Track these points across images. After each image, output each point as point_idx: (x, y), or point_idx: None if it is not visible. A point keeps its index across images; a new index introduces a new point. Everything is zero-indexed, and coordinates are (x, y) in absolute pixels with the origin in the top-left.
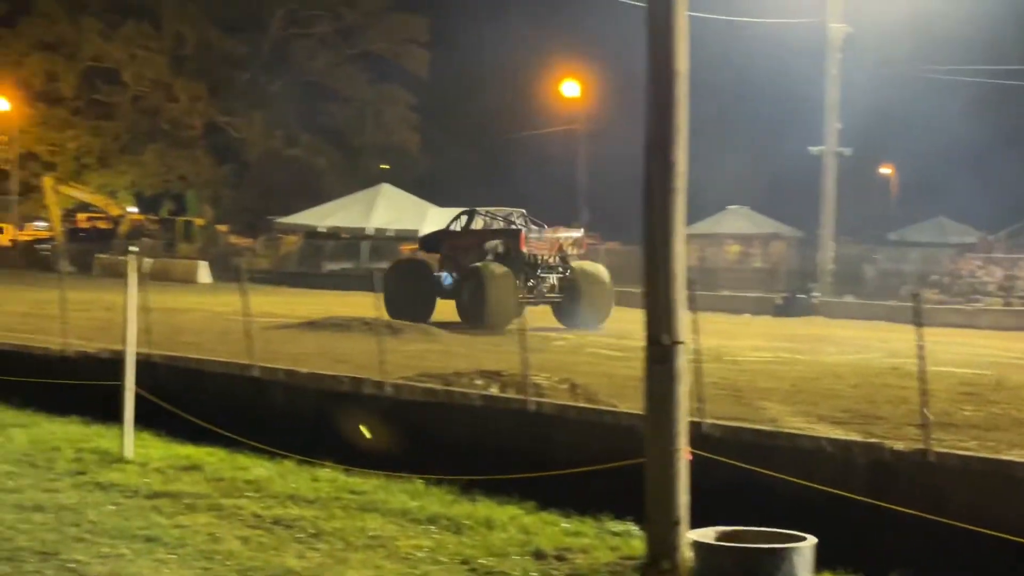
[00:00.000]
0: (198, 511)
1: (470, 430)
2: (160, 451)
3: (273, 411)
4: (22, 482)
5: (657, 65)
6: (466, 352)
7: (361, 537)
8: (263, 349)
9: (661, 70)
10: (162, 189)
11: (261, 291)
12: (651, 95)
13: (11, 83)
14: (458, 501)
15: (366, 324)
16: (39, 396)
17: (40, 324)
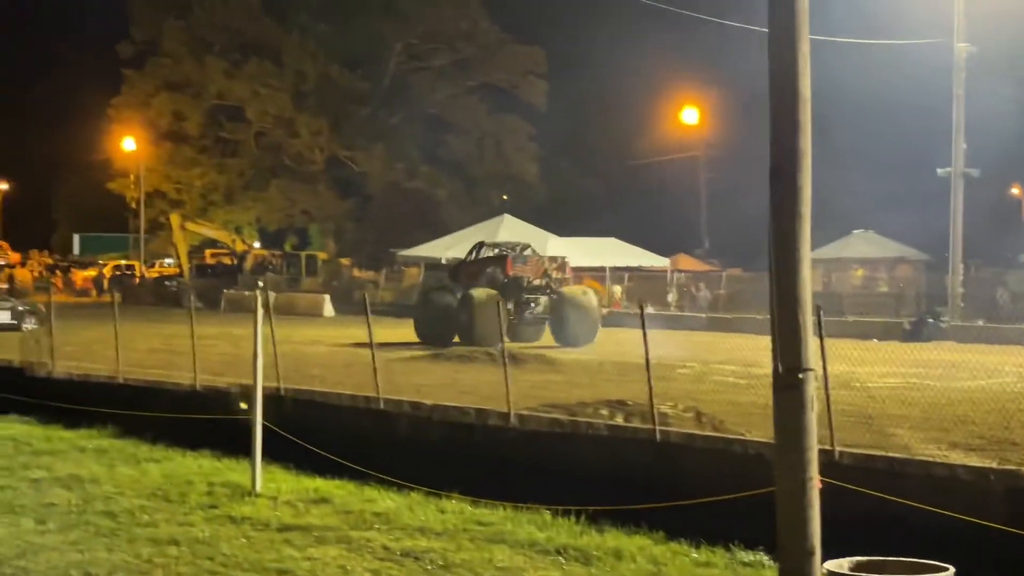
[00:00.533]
0: (328, 544)
1: (596, 460)
2: (289, 484)
3: (399, 443)
4: (157, 516)
5: (779, 90)
6: (589, 382)
7: (489, 568)
8: (388, 381)
9: (784, 95)
10: (286, 224)
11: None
12: (774, 120)
13: (139, 123)
14: (586, 531)
15: (489, 355)
16: (171, 430)
17: (170, 360)
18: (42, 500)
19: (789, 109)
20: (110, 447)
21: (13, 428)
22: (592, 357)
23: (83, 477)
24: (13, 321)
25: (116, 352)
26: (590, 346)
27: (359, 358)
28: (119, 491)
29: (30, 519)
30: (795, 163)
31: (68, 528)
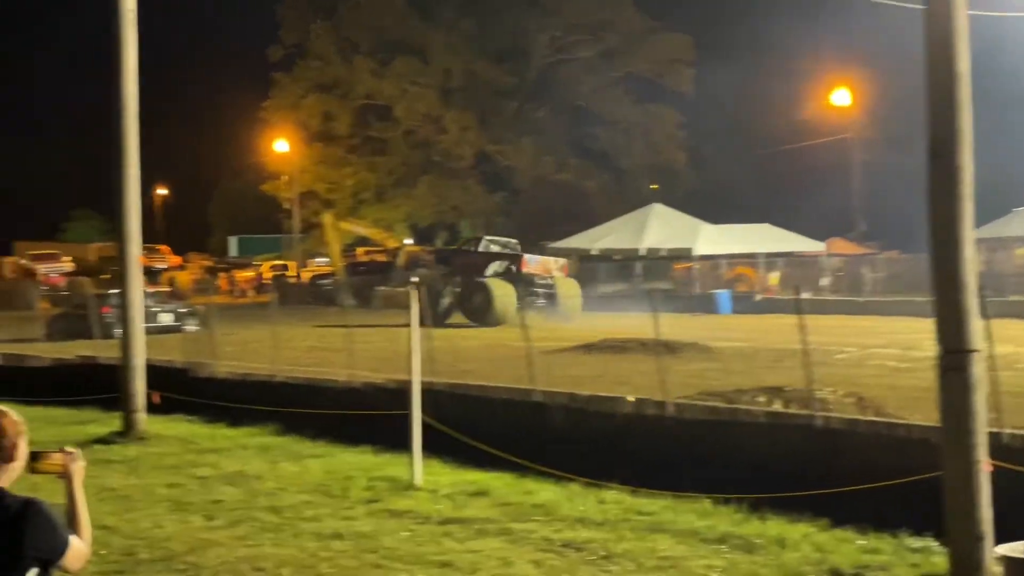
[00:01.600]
0: (489, 536)
1: (755, 447)
2: (448, 477)
3: (555, 435)
4: (320, 511)
5: (936, 67)
6: (745, 369)
7: (651, 558)
8: (543, 373)
9: (941, 72)
10: (436, 220)
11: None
12: (932, 99)
13: (289, 125)
14: (748, 520)
15: (643, 345)
16: (330, 427)
17: (326, 357)
18: (210, 497)
19: (946, 87)
20: (272, 444)
21: (179, 427)
22: (748, 344)
23: (248, 474)
24: (175, 323)
25: (275, 351)
26: (743, 333)
27: (513, 351)
28: (283, 487)
29: (199, 515)
30: (954, 143)
31: (235, 524)
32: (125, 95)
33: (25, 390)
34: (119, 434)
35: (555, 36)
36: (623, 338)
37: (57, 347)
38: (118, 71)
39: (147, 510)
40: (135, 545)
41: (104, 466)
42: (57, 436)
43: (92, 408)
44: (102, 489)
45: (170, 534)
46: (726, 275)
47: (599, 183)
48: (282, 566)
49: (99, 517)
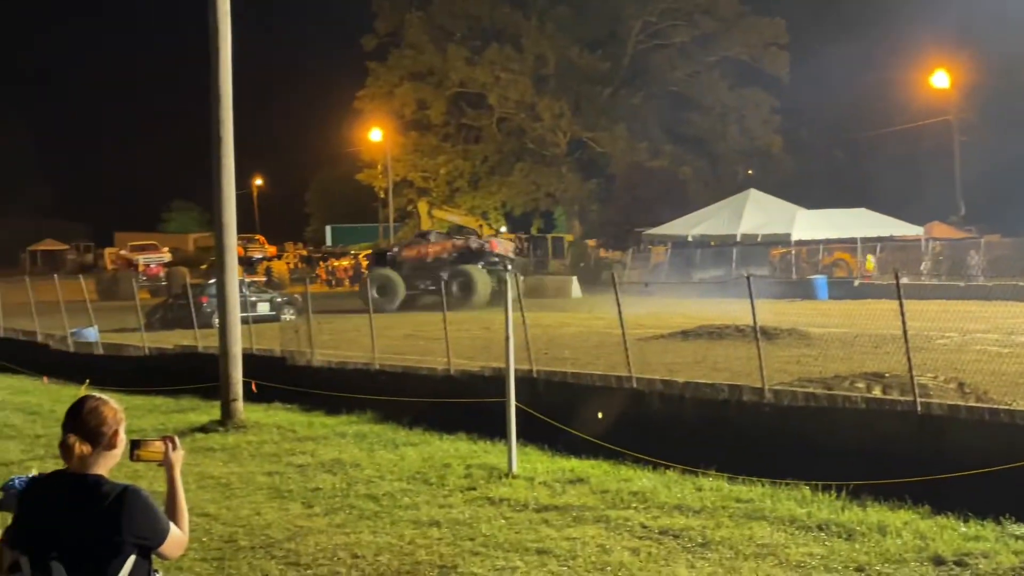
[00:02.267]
0: (586, 523)
1: (854, 434)
2: (544, 465)
3: (652, 421)
4: (417, 499)
5: None
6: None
7: (750, 546)
8: (638, 360)
9: None
10: (531, 207)
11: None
12: None
13: (384, 114)
14: (847, 507)
15: (740, 331)
16: (427, 415)
17: (423, 345)
18: (308, 485)
19: None
20: (369, 432)
21: (278, 416)
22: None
23: (345, 462)
24: (272, 312)
25: (371, 339)
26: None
27: (609, 338)
28: (380, 475)
29: (298, 503)
30: None
31: (333, 512)
32: (221, 87)
33: (125, 379)
34: (218, 422)
35: (649, 21)
36: (720, 324)
37: (156, 337)
38: (215, 63)
39: (247, 497)
40: (235, 532)
41: (204, 454)
42: (157, 424)
43: (191, 397)
44: (203, 477)
45: (269, 521)
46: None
47: (694, 169)
48: (380, 553)
49: (200, 504)
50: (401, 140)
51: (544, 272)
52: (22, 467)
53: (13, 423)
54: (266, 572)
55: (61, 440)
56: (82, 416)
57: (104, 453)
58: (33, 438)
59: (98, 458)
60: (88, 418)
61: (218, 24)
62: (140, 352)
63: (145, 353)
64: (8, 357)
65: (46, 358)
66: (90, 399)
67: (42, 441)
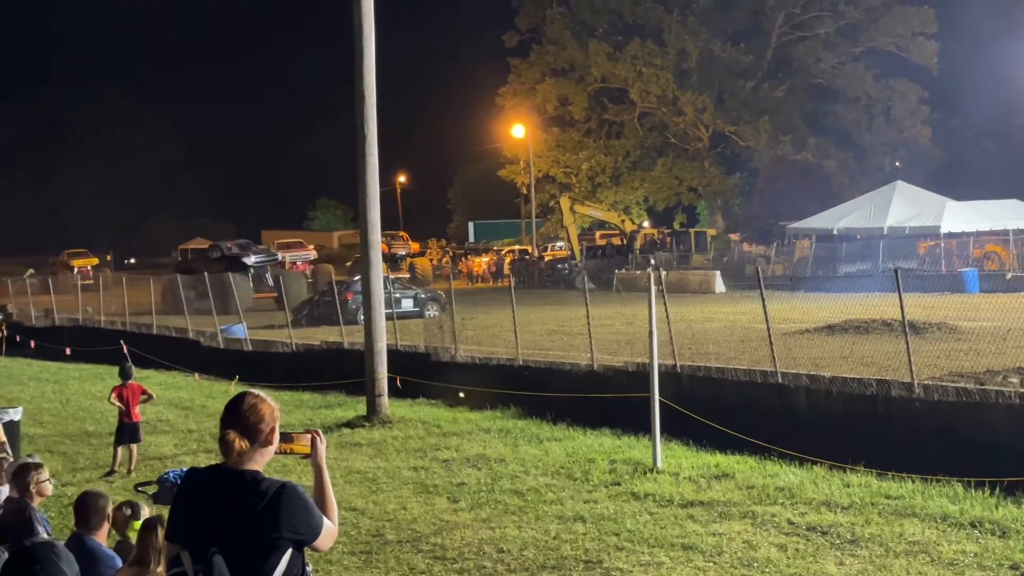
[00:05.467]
0: (732, 519)
1: (1008, 429)
2: (689, 460)
3: (797, 417)
4: (562, 494)
5: None
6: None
7: (900, 543)
8: (783, 355)
9: None
10: (673, 202)
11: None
12: None
13: (525, 110)
14: (1001, 504)
15: (887, 325)
16: (570, 410)
17: (566, 341)
18: (453, 480)
19: None
20: (513, 427)
21: (422, 410)
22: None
23: (489, 457)
24: (416, 308)
25: (515, 335)
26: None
27: (753, 333)
28: (524, 470)
29: (443, 498)
30: None
31: (478, 506)
32: (365, 85)
33: (274, 375)
34: (364, 418)
35: (792, 13)
36: (866, 319)
37: (303, 333)
38: (359, 62)
39: (393, 492)
40: (382, 526)
41: (351, 449)
42: (304, 420)
43: (337, 392)
44: (349, 471)
45: (416, 516)
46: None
47: (839, 161)
48: (525, 548)
49: (347, 499)
50: (543, 136)
51: (687, 267)
52: (176, 461)
53: (167, 418)
54: (413, 566)
55: (220, 435)
56: (241, 412)
57: (260, 449)
58: (186, 433)
59: (255, 454)
60: (247, 414)
61: (362, 23)
62: (287, 348)
63: (292, 349)
64: (161, 354)
65: (197, 354)
66: (249, 395)
67: (194, 436)
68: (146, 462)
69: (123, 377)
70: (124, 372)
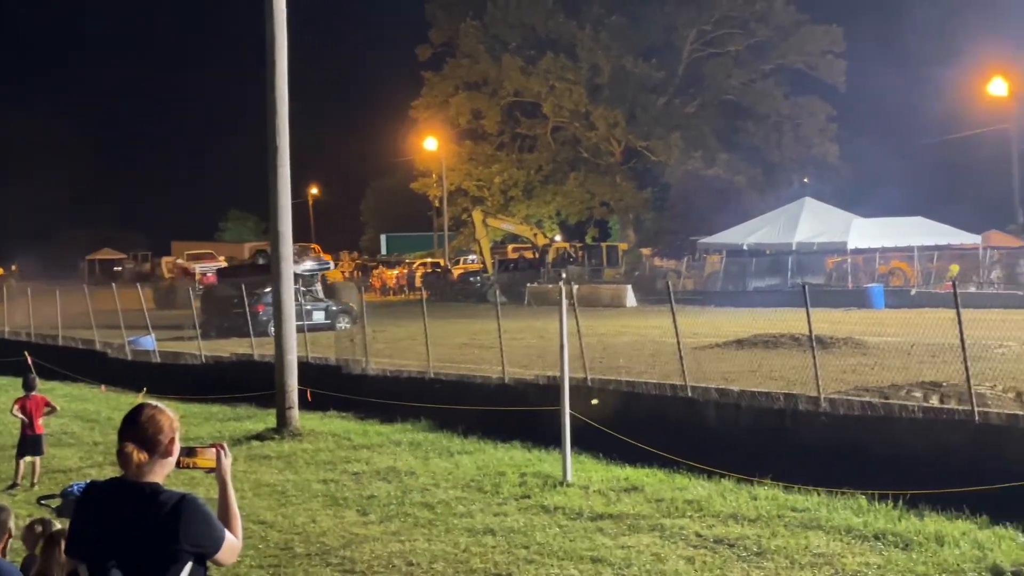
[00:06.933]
0: (641, 532)
1: (911, 443)
2: (599, 473)
3: (706, 430)
4: (472, 507)
5: None
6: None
7: (806, 555)
8: (693, 369)
9: None
10: (585, 216)
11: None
12: None
13: (438, 124)
14: (904, 516)
15: (795, 340)
16: (481, 423)
17: (478, 354)
18: (363, 493)
19: None
20: (424, 440)
21: (332, 423)
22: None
23: (400, 470)
24: (327, 321)
25: (426, 348)
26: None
27: (664, 347)
28: (435, 483)
29: (353, 511)
30: None
31: (388, 519)
32: (277, 96)
33: (183, 387)
34: (274, 430)
35: (704, 30)
36: (775, 333)
37: (213, 345)
38: (270, 74)
39: (302, 505)
40: (291, 539)
41: (260, 462)
42: (214, 432)
43: (247, 405)
44: (259, 484)
45: (325, 529)
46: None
47: (749, 177)
48: (435, 561)
49: (256, 512)
50: (456, 149)
51: (599, 281)
52: (80, 474)
53: (72, 430)
54: None
55: (118, 448)
56: (139, 424)
57: (160, 461)
58: (91, 445)
59: (154, 466)
60: (146, 426)
61: (274, 35)
62: (197, 360)
63: (201, 361)
64: (67, 365)
65: (104, 366)
66: (147, 407)
67: (100, 448)
68: (50, 475)
69: (26, 389)
70: (27, 383)
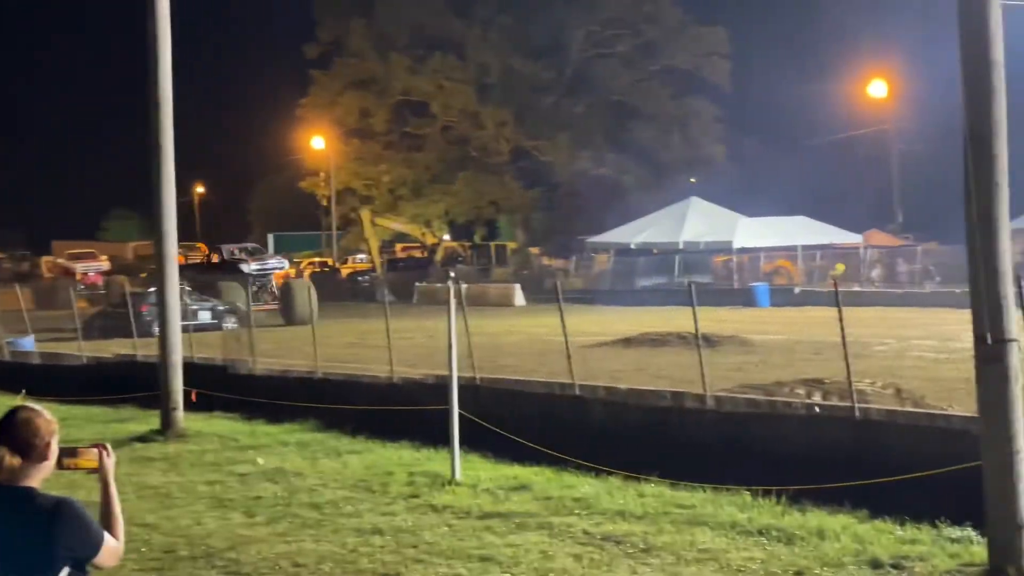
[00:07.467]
0: (529, 530)
1: (795, 439)
2: (488, 472)
3: (595, 428)
4: (360, 507)
5: (971, 56)
6: (785, 362)
7: (691, 551)
8: (581, 368)
9: (976, 61)
10: (474, 215)
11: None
12: (967, 87)
13: (327, 122)
14: (788, 512)
15: (682, 338)
16: (370, 422)
17: (366, 353)
18: (249, 493)
19: (981, 75)
20: (312, 440)
21: (218, 424)
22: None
23: (287, 470)
24: (214, 321)
25: (314, 348)
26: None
27: (552, 346)
28: (323, 483)
29: (239, 512)
30: (989, 130)
31: (275, 520)
32: (160, 93)
33: (64, 388)
34: (158, 432)
35: (592, 31)
36: (662, 332)
37: (95, 345)
38: (153, 69)
39: (187, 507)
40: (175, 542)
41: (144, 464)
42: (96, 434)
43: (131, 406)
44: (142, 487)
45: (210, 531)
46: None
47: (637, 177)
48: (322, 562)
49: (139, 515)
50: (344, 148)
51: (487, 280)
52: None
53: None
54: None
55: None
56: (13, 428)
57: (36, 465)
58: None
59: (30, 470)
60: (20, 430)
61: (157, 29)
62: (78, 361)
63: (83, 362)
64: None
65: None
66: (22, 410)
67: None
68: None
69: None
70: None
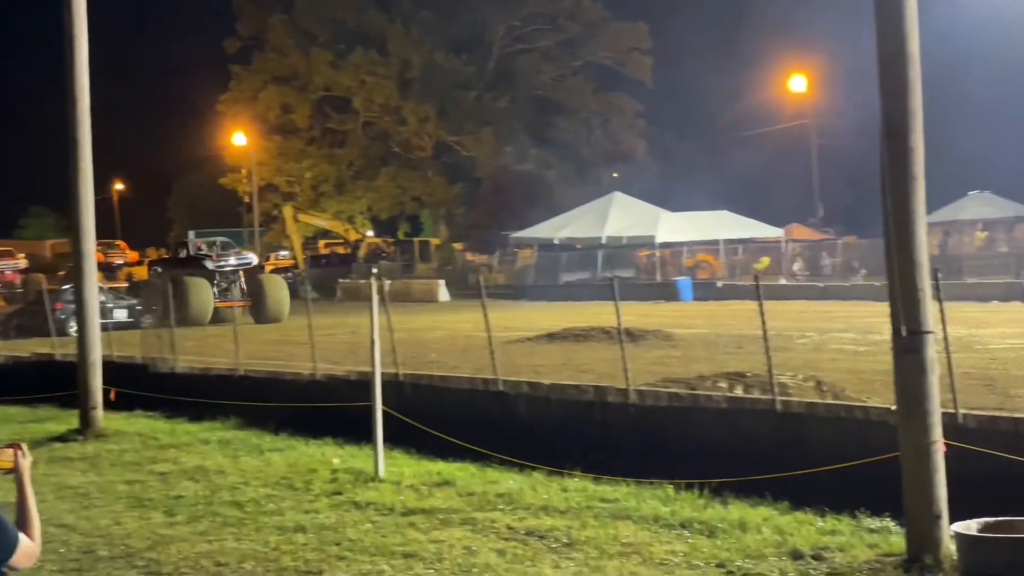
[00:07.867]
0: (453, 526)
1: (717, 433)
2: (411, 468)
3: (518, 424)
4: (283, 504)
5: (887, 49)
6: (706, 355)
7: (615, 545)
8: (505, 363)
9: (892, 54)
10: (397, 211)
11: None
12: (883, 81)
13: (248, 118)
14: (710, 504)
15: (605, 333)
16: (292, 420)
17: (289, 350)
18: (170, 493)
19: (897, 69)
20: (234, 438)
21: (138, 423)
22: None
23: (209, 469)
24: (131, 319)
25: (235, 344)
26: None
27: (476, 341)
28: (244, 481)
29: (159, 512)
30: (905, 124)
31: (196, 519)
32: (77, 87)
33: None
34: (77, 431)
35: (514, 26)
36: (585, 327)
37: (11, 344)
38: (70, 63)
39: (106, 507)
40: (94, 543)
41: (62, 464)
42: (12, 434)
43: (49, 406)
44: (60, 487)
45: (130, 531)
46: (687, 262)
47: (560, 172)
48: (244, 560)
49: (58, 515)
50: (265, 144)
51: (411, 276)
52: None
53: None
54: None
55: None
56: None
57: None
58: None
59: None
60: None
61: (73, 22)
62: None
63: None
64: None
65: None
66: None
67: None
68: None
69: None
70: None
